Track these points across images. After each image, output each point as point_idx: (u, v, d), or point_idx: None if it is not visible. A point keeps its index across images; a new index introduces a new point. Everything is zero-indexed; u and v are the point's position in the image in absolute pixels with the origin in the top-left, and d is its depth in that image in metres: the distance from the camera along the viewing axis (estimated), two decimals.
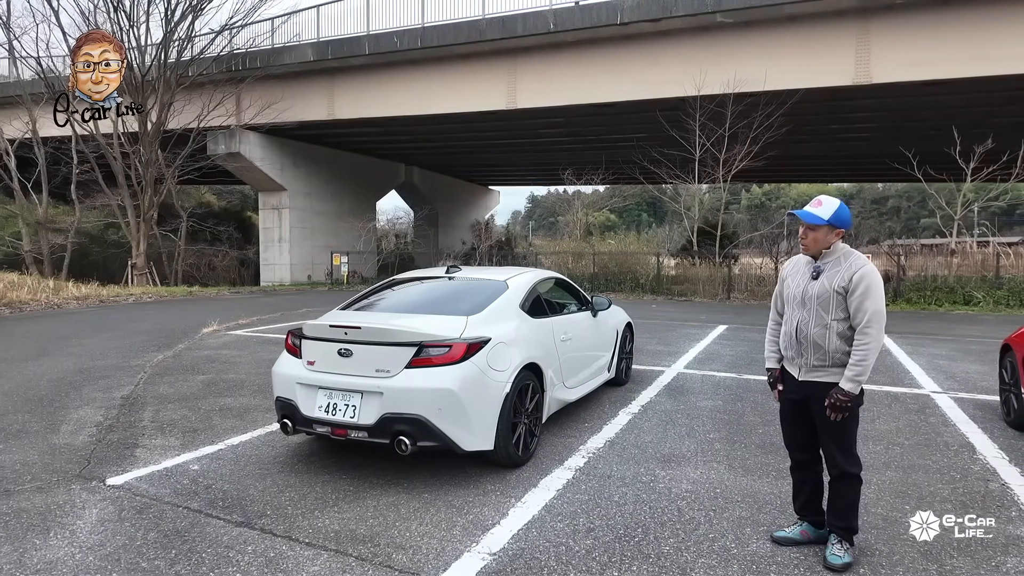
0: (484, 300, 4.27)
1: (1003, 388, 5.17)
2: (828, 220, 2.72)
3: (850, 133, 22.06)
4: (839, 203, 2.73)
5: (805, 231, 2.79)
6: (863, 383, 2.68)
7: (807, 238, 2.79)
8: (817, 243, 2.77)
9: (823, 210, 2.74)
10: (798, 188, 67.90)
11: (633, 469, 3.99)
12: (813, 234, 2.77)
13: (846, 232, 2.82)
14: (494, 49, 18.85)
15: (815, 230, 2.76)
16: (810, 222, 2.75)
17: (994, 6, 14.38)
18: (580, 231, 24.75)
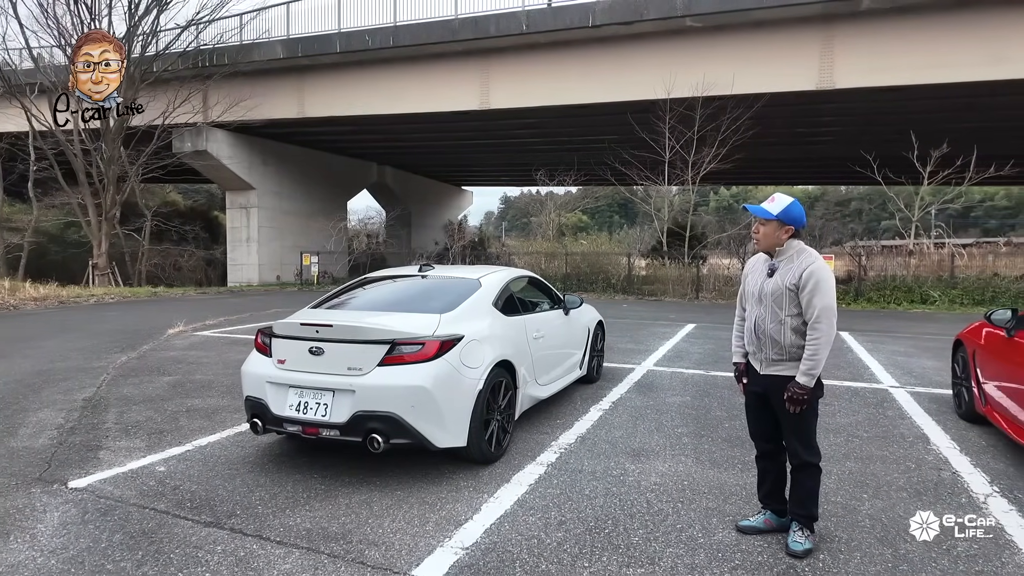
0: (457, 298, 4.29)
1: (955, 382, 5.39)
2: (777, 215, 2.82)
3: (815, 137, 22.65)
4: (791, 200, 2.83)
5: (757, 226, 2.90)
6: (817, 376, 2.79)
7: (759, 232, 2.89)
8: (767, 238, 2.86)
9: (774, 206, 2.83)
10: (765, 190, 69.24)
11: (603, 463, 4.05)
12: (764, 228, 2.86)
13: (808, 232, 2.92)
14: (467, 49, 18.85)
15: (765, 225, 2.85)
16: (760, 216, 2.85)
17: (949, 16, 14.95)
18: (553, 232, 24.89)
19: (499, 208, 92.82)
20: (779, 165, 29.38)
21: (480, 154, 28.44)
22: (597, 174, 23.55)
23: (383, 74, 19.95)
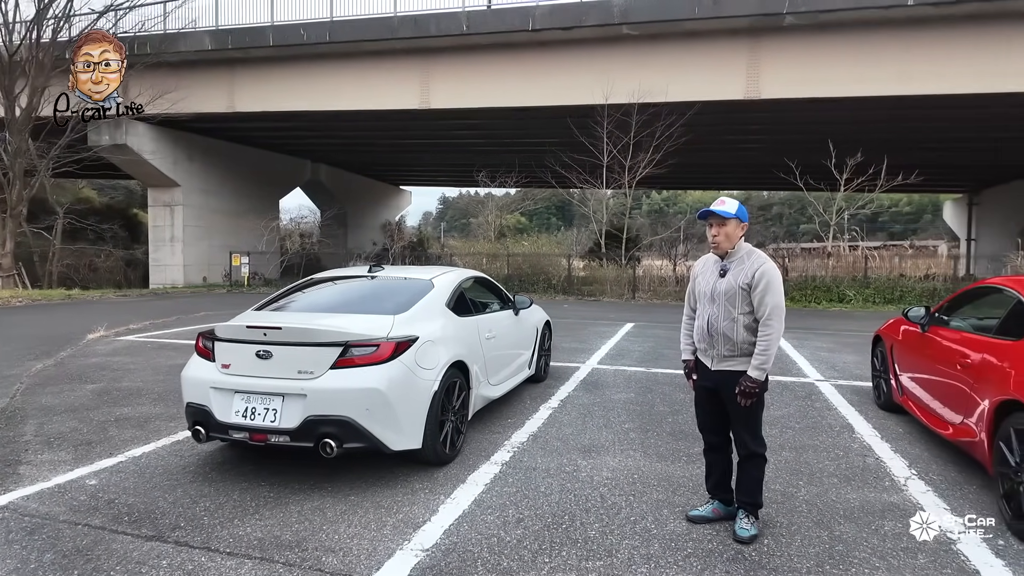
0: (410, 299, 4.26)
1: (875, 375, 5.81)
2: (735, 214, 2.98)
3: (742, 144, 23.76)
4: (738, 202, 3.01)
5: (717, 228, 3.01)
6: (768, 370, 2.96)
7: (719, 235, 3.00)
8: (729, 238, 3.00)
9: (729, 206, 2.99)
10: (693, 195, 72.09)
11: (556, 460, 4.13)
12: (724, 229, 2.99)
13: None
14: (407, 48, 18.64)
15: (725, 224, 2.99)
16: (725, 215, 2.98)
17: (864, 35, 16.06)
18: (494, 233, 24.97)
19: (438, 208, 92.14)
20: (709, 171, 30.63)
21: (420, 154, 28.14)
22: (538, 176, 23.82)
23: (320, 70, 19.43)
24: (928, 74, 15.93)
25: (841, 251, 20.99)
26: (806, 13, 15.74)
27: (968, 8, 15.07)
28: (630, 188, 19.48)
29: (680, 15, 16.43)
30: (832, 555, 2.87)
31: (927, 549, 2.92)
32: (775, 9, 15.82)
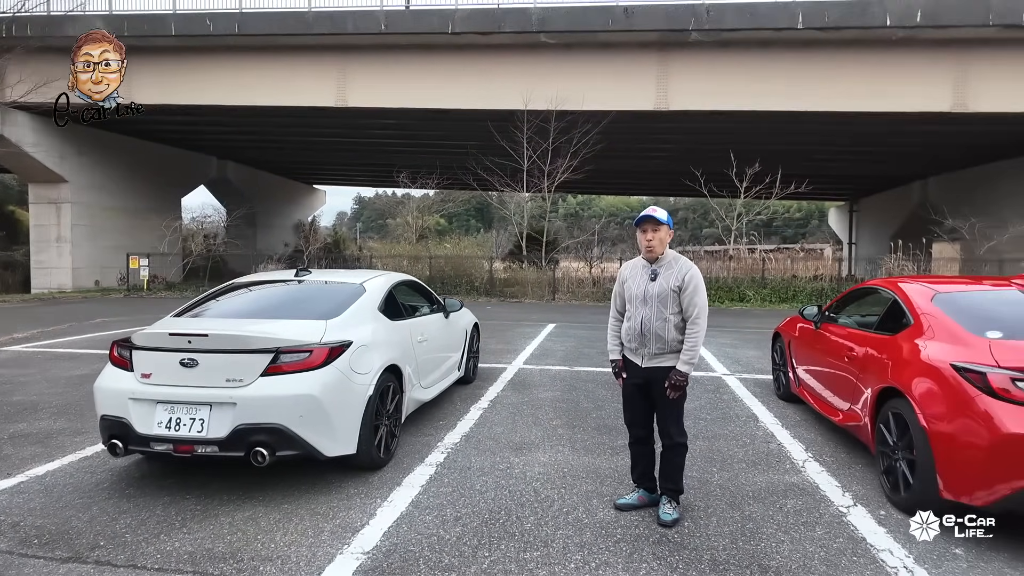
0: (341, 303, 4.23)
1: (775, 368, 6.36)
2: (666, 220, 3.25)
3: (652, 152, 24.95)
4: (666, 211, 3.26)
5: (652, 233, 3.24)
6: (695, 364, 3.23)
7: (654, 239, 3.24)
8: (663, 243, 3.26)
9: (662, 214, 3.24)
10: (606, 199, 74.79)
11: (490, 459, 4.25)
12: (658, 234, 3.24)
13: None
14: (323, 44, 18.16)
15: (659, 230, 3.24)
16: (661, 221, 3.22)
17: (763, 51, 17.36)
18: (415, 234, 24.73)
19: (353, 208, 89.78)
20: (622, 177, 31.89)
21: (336, 152, 27.42)
22: (459, 178, 23.86)
23: (230, 63, 18.53)
24: (815, 92, 17.47)
25: (741, 254, 22.51)
26: (710, 31, 16.82)
27: (849, 34, 16.68)
28: (549, 192, 19.97)
29: (594, 26, 17.08)
30: (744, 532, 3.17)
31: (823, 522, 3.29)
32: (682, 25, 16.81)
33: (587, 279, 20.46)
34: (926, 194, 27.34)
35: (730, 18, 16.69)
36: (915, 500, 3.26)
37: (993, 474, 2.86)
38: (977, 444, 2.91)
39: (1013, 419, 2.81)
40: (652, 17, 16.92)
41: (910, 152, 23.42)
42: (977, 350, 3.15)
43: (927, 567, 2.81)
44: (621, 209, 74.10)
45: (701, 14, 16.65)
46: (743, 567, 2.82)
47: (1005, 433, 2.79)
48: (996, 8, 15.89)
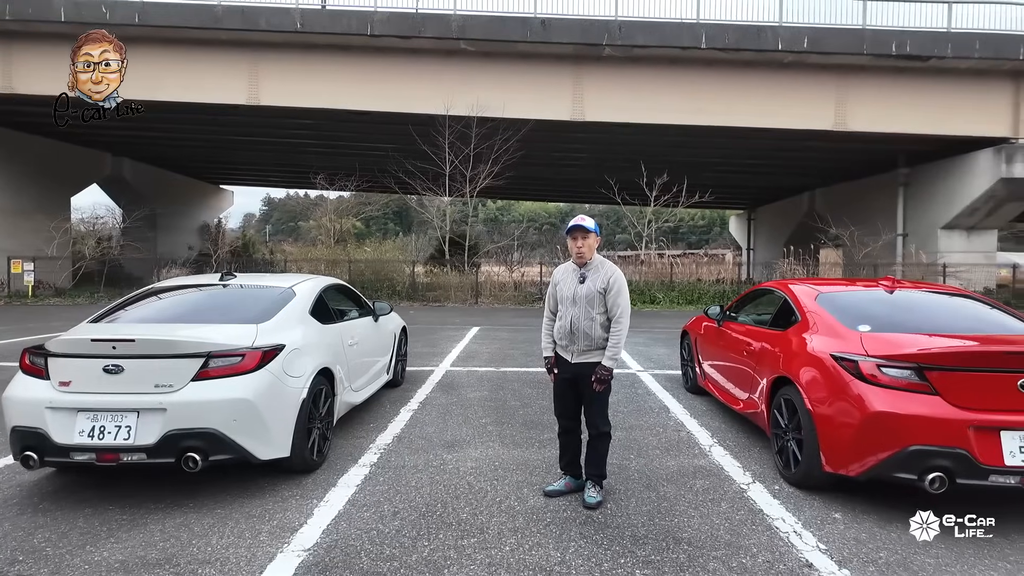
0: (272, 307, 4.23)
1: (683, 363, 6.89)
2: (594, 228, 3.53)
3: (569, 161, 25.77)
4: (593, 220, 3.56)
5: (582, 240, 3.52)
6: (618, 360, 3.54)
7: (584, 246, 3.53)
8: (591, 249, 3.56)
9: (590, 223, 3.53)
10: (525, 205, 76.04)
11: (423, 457, 4.38)
12: (587, 241, 3.53)
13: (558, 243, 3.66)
14: (234, 39, 17.44)
15: (588, 237, 3.53)
16: (590, 229, 3.50)
17: (670, 68, 18.45)
18: (333, 238, 24.14)
19: (262, 210, 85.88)
20: (540, 184, 32.66)
21: (247, 152, 26.27)
22: (380, 181, 23.57)
23: (133, 54, 17.30)
24: (716, 109, 18.79)
25: (651, 259, 23.72)
26: (621, 46, 17.69)
27: (746, 55, 18.08)
28: (471, 197, 20.19)
29: (513, 37, 17.50)
30: (659, 510, 3.51)
31: (727, 498, 3.70)
32: (596, 40, 17.58)
33: (509, 283, 20.84)
34: (813, 204, 29.92)
35: (640, 35, 17.64)
36: (802, 474, 3.74)
37: (862, 447, 3.35)
38: (851, 423, 3.40)
39: (879, 399, 3.31)
40: (568, 31, 17.57)
41: (799, 165, 25.60)
42: (851, 342, 3.66)
43: (812, 530, 3.25)
44: (539, 214, 75.59)
45: (614, 30, 17.49)
46: (659, 540, 3.15)
47: (872, 412, 3.29)
48: (870, 39, 17.79)
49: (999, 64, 18.26)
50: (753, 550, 3.04)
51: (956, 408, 3.14)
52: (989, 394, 3.14)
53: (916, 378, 3.26)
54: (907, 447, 3.17)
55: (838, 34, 17.87)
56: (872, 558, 2.96)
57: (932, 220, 21.38)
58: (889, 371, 3.34)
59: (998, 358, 3.23)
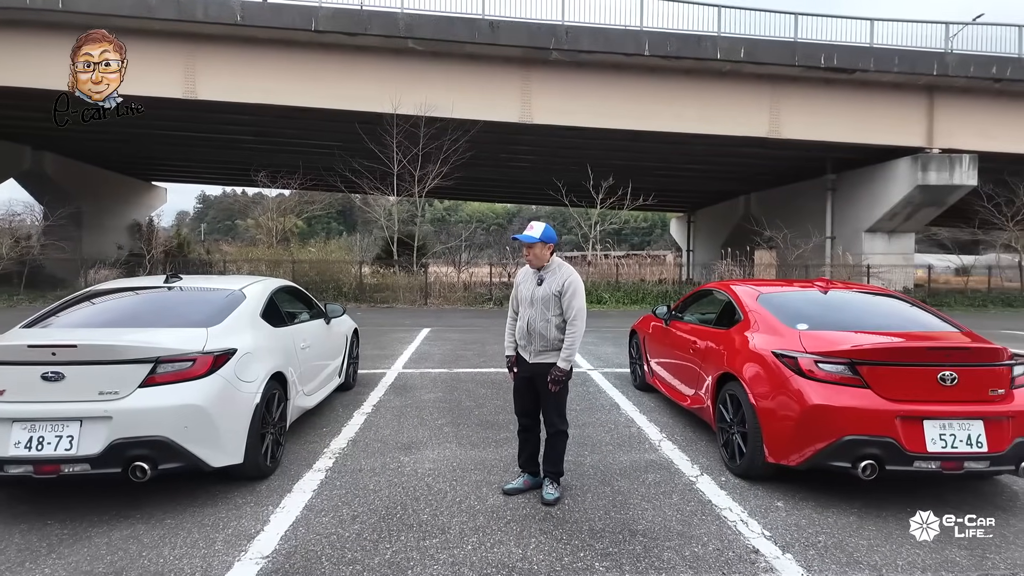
0: (222, 310, 4.12)
1: (631, 362, 7.10)
2: (539, 238, 3.60)
3: (517, 162, 25.96)
4: (545, 225, 3.63)
5: (527, 250, 3.63)
6: (573, 362, 3.63)
7: (530, 254, 3.64)
8: (538, 257, 3.63)
9: (534, 232, 3.61)
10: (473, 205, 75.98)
11: (380, 460, 4.37)
12: (532, 251, 3.63)
13: (506, 244, 3.76)
14: (169, 30, 16.72)
15: (532, 247, 3.61)
16: (529, 242, 3.59)
17: (616, 74, 18.87)
18: (275, 237, 23.42)
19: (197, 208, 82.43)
20: (488, 184, 32.73)
21: (183, 147, 25.13)
22: (325, 180, 23.05)
23: (55, 41, 16.31)
24: (658, 114, 19.38)
25: (598, 260, 24.19)
26: (568, 51, 17.99)
27: (687, 63, 18.72)
28: (420, 197, 20.04)
29: (461, 38, 17.50)
30: (615, 504, 3.64)
31: (678, 491, 3.86)
32: (543, 44, 17.81)
33: (458, 284, 20.79)
34: (748, 208, 31.25)
35: (586, 40, 17.98)
36: (747, 466, 3.95)
37: (802, 439, 3.58)
38: (791, 416, 3.62)
39: (816, 393, 3.54)
40: (516, 33, 17.72)
41: (735, 171, 26.68)
42: (791, 339, 3.89)
43: (757, 518, 3.45)
44: (487, 215, 75.68)
45: (561, 34, 17.76)
46: (616, 532, 3.26)
47: (811, 405, 3.52)
48: (801, 51, 18.76)
49: (915, 79, 19.61)
50: (704, 539, 3.20)
51: (885, 400, 3.40)
52: (913, 386, 3.42)
53: (849, 372, 3.51)
54: (842, 437, 3.40)
55: (772, 46, 18.76)
56: (812, 542, 3.17)
57: (857, 224, 22.73)
58: (825, 366, 3.58)
59: (921, 353, 3.51)
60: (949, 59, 19.33)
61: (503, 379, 7.22)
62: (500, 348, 9.77)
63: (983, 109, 20.47)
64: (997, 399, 3.42)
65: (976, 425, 3.34)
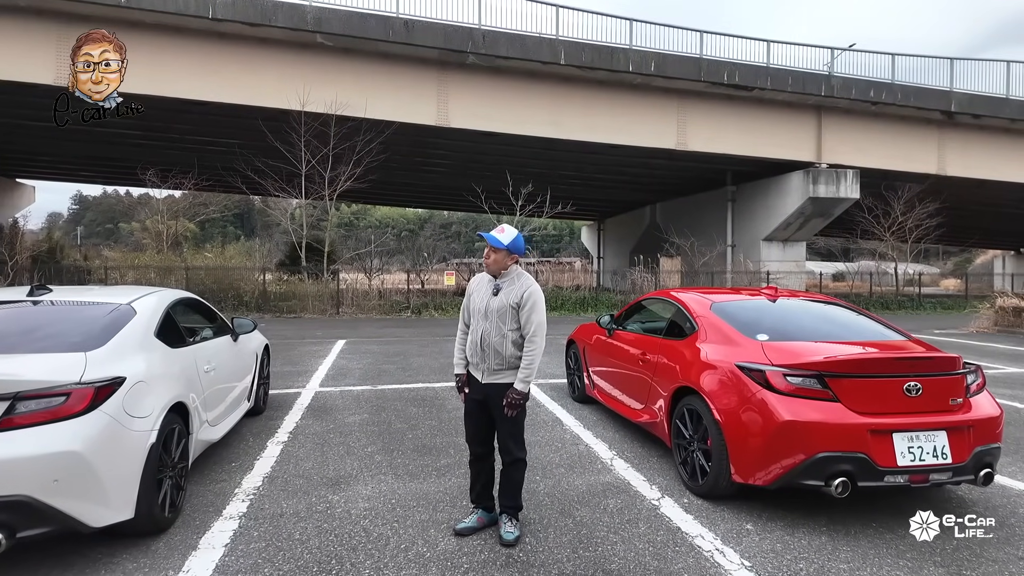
0: (105, 329, 3.37)
1: (569, 373, 6.83)
2: (507, 245, 3.19)
3: (433, 166, 25.36)
4: (517, 233, 3.23)
5: (489, 252, 3.21)
6: (532, 383, 3.23)
7: (490, 259, 3.21)
8: (497, 264, 3.21)
9: (504, 236, 3.19)
10: (382, 210, 74.09)
11: (304, 501, 3.76)
12: (495, 255, 3.20)
13: (420, 251, 3.34)
14: (41, 8, 14.76)
15: (496, 252, 3.20)
16: (494, 244, 3.17)
17: (531, 81, 18.83)
18: (166, 242, 21.32)
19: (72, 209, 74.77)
20: (403, 188, 31.78)
21: (55, 141, 22.32)
22: (224, 180, 21.30)
23: None
24: (572, 123, 19.61)
25: None
26: (485, 55, 17.75)
27: (600, 75, 19.03)
28: (331, 200, 18.97)
29: (374, 35, 16.78)
30: (581, 539, 3.28)
31: (643, 518, 3.57)
32: (460, 47, 17.44)
33: (373, 292, 19.86)
34: (655, 217, 32.44)
35: (503, 46, 17.81)
36: (710, 485, 3.73)
37: (772, 456, 3.40)
38: (760, 433, 3.44)
39: (785, 408, 3.38)
40: (432, 34, 17.23)
41: (643, 181, 27.59)
42: (753, 351, 3.73)
43: (731, 545, 3.21)
44: (397, 220, 74.11)
45: (478, 38, 17.47)
46: (589, 575, 2.90)
47: (781, 421, 3.34)
48: (706, 67, 19.62)
49: (805, 98, 21.11)
50: (684, 575, 2.91)
51: (856, 414, 3.29)
52: (881, 399, 3.33)
53: (819, 386, 3.38)
54: (815, 454, 3.25)
55: (680, 61, 19.49)
56: (794, 569, 2.96)
57: (755, 233, 24.11)
58: (793, 380, 3.43)
59: (888, 364, 3.45)
60: (835, 81, 20.96)
61: (434, 396, 6.72)
62: (425, 361, 9.24)
63: (861, 128, 22.41)
64: (957, 408, 3.41)
65: (940, 436, 3.30)
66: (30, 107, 17.57)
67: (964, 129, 23.31)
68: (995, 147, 23.77)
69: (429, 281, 23.02)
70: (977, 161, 23.68)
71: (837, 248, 49.27)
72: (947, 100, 21.92)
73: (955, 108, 21.99)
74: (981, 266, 53.49)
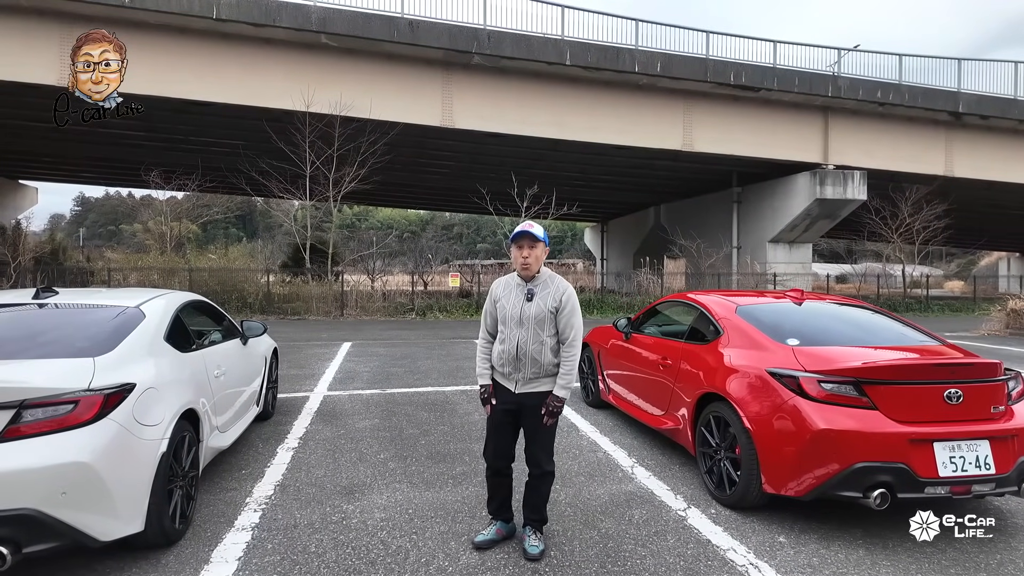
0: (115, 333, 3.24)
1: (583, 377, 6.68)
2: (543, 238, 3.05)
3: (436, 167, 25.24)
4: (542, 228, 3.08)
5: (528, 250, 3.01)
6: (572, 388, 3.09)
7: (530, 256, 3.01)
8: (538, 260, 3.05)
9: (539, 231, 3.03)
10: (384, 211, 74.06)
11: (319, 511, 3.63)
12: (535, 251, 3.02)
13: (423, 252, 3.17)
14: (39, 7, 14.68)
15: (536, 247, 3.02)
16: (539, 238, 3.00)
17: (536, 81, 18.69)
18: (170, 243, 21.21)
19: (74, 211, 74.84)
20: (406, 189, 31.66)
21: (58, 142, 22.26)
22: (228, 181, 21.19)
23: None
24: (578, 124, 19.47)
25: None
26: (490, 56, 17.63)
27: (606, 75, 18.88)
28: (335, 201, 18.86)
29: (379, 36, 16.67)
30: (608, 553, 3.14)
31: (671, 529, 3.44)
32: (465, 47, 17.33)
33: (377, 293, 19.73)
34: (659, 218, 32.29)
35: (508, 46, 17.69)
36: (739, 496, 3.60)
37: (807, 466, 3.27)
38: (794, 442, 3.30)
39: (820, 416, 3.24)
40: (436, 35, 17.12)
41: (648, 182, 27.44)
42: (784, 356, 3.59)
43: (765, 559, 3.08)
44: (399, 221, 74.03)
45: (483, 38, 17.36)
46: None
47: (818, 429, 3.21)
48: (712, 68, 19.49)
49: (812, 99, 20.96)
50: None
51: (895, 422, 3.15)
52: (921, 406, 3.20)
53: (855, 393, 3.24)
54: (853, 464, 3.11)
55: (686, 61, 19.36)
56: None
57: (761, 234, 23.95)
58: (829, 386, 3.30)
59: (928, 370, 3.31)
60: (841, 82, 20.81)
61: (444, 400, 6.59)
62: (433, 364, 9.11)
63: (868, 129, 22.25)
64: (999, 416, 3.27)
65: (983, 445, 3.16)
66: (33, 108, 17.49)
67: (972, 130, 23.16)
68: (1003, 148, 23.62)
69: (432, 283, 22.88)
70: (985, 162, 23.53)
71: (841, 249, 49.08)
72: (955, 101, 21.78)
73: (963, 109, 21.85)
74: (986, 268, 53.33)
